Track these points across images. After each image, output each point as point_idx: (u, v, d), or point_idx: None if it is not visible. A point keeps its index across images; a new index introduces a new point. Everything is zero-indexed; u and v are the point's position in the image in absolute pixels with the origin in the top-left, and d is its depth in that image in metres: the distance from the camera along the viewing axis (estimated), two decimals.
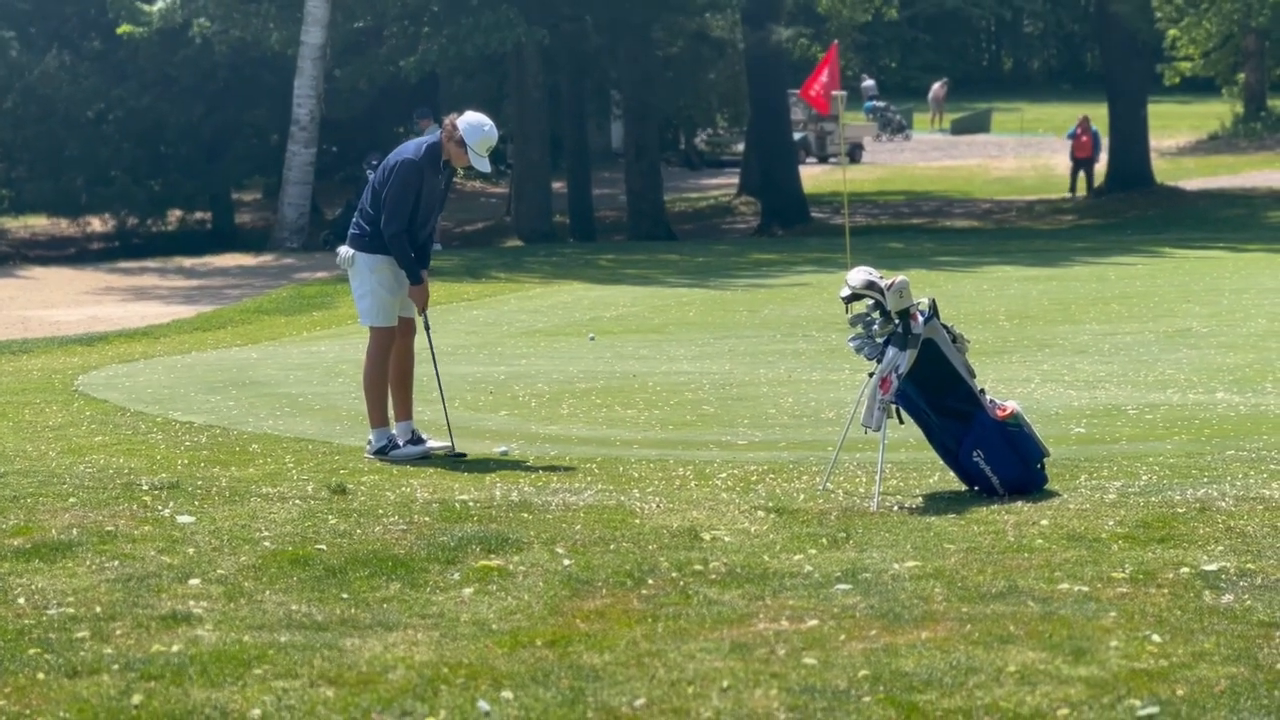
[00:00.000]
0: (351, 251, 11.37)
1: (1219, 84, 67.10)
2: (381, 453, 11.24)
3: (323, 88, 36.40)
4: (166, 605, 7.41)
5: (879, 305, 9.45)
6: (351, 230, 11.44)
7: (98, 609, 7.36)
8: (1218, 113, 63.69)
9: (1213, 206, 41.01)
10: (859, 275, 9.49)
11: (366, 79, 37.91)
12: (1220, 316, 18.85)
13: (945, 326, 9.58)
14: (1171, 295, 21.68)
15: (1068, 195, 46.93)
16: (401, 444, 11.33)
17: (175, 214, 45.62)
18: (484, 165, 11.34)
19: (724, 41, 42.41)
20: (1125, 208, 41.77)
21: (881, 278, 9.47)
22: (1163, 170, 47.57)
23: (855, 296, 9.52)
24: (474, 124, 11.19)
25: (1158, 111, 48.70)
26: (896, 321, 9.42)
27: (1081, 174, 47.17)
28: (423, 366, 11.89)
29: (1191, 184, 46.47)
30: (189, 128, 41.88)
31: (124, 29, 37.64)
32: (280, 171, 37.30)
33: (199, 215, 45.97)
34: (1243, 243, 31.42)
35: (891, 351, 9.41)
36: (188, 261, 33.14)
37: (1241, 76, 65.51)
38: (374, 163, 37.85)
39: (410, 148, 11.32)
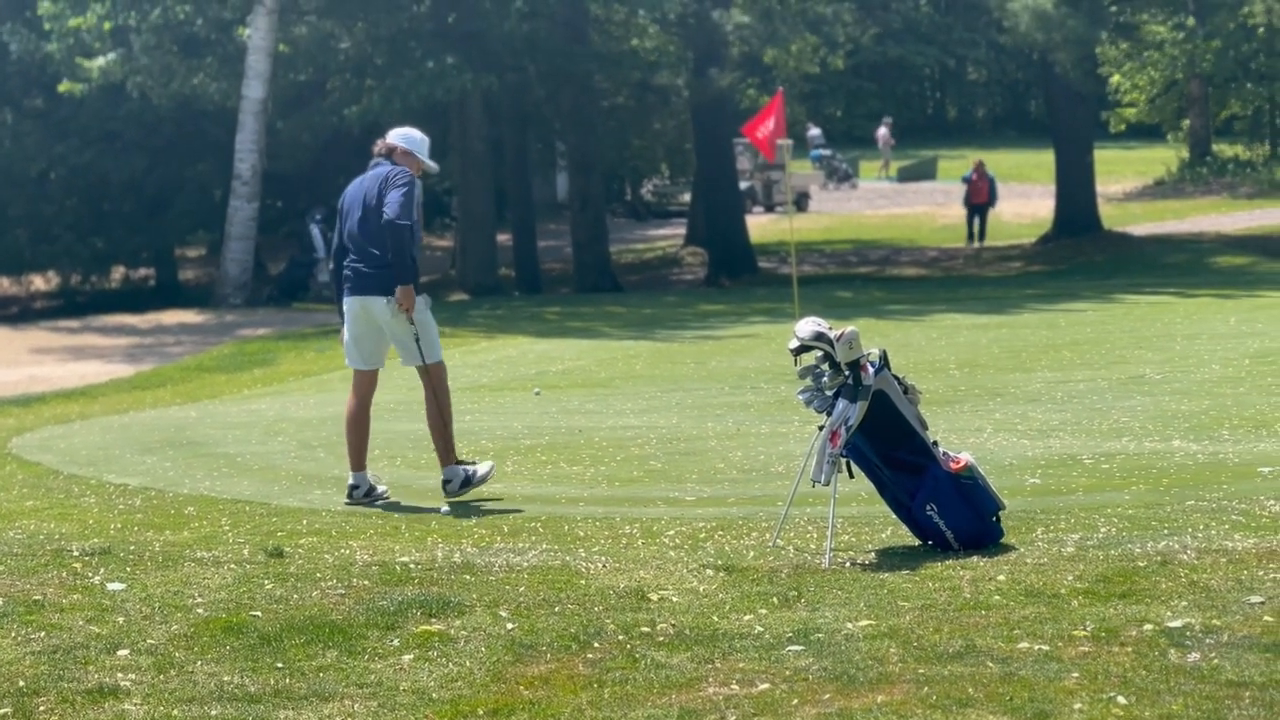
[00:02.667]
0: (388, 298, 11.43)
1: (1164, 130, 67.57)
2: (463, 486, 11.56)
3: (265, 142, 36.16)
4: (94, 678, 7.16)
5: (828, 357, 9.24)
6: (364, 279, 11.45)
7: (21, 683, 7.10)
8: (1163, 158, 63.99)
9: (1161, 252, 41.06)
10: (807, 326, 9.27)
11: (309, 132, 37.71)
12: (1173, 363, 18.71)
13: (896, 377, 9.38)
14: (1123, 341, 21.55)
15: (968, 245, 46.90)
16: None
17: (119, 271, 45.32)
18: (433, 165, 11.79)
19: (668, 90, 42.34)
20: (1073, 254, 41.79)
21: (830, 329, 9.26)
22: (1110, 216, 47.68)
23: (804, 348, 9.29)
24: (407, 135, 11.62)
25: (1103, 158, 48.88)
26: (846, 373, 9.20)
27: (977, 220, 47.26)
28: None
29: (1139, 229, 46.58)
30: (132, 184, 41.61)
31: (64, 86, 37.36)
32: (223, 227, 37.02)
33: (143, 272, 45.66)
34: (1192, 288, 31.42)
35: (841, 404, 9.18)
36: (130, 319, 32.83)
37: (1186, 122, 65.91)
38: (318, 217, 37.95)
39: (384, 167, 11.42)
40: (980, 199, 47.30)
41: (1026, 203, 56.44)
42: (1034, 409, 15.38)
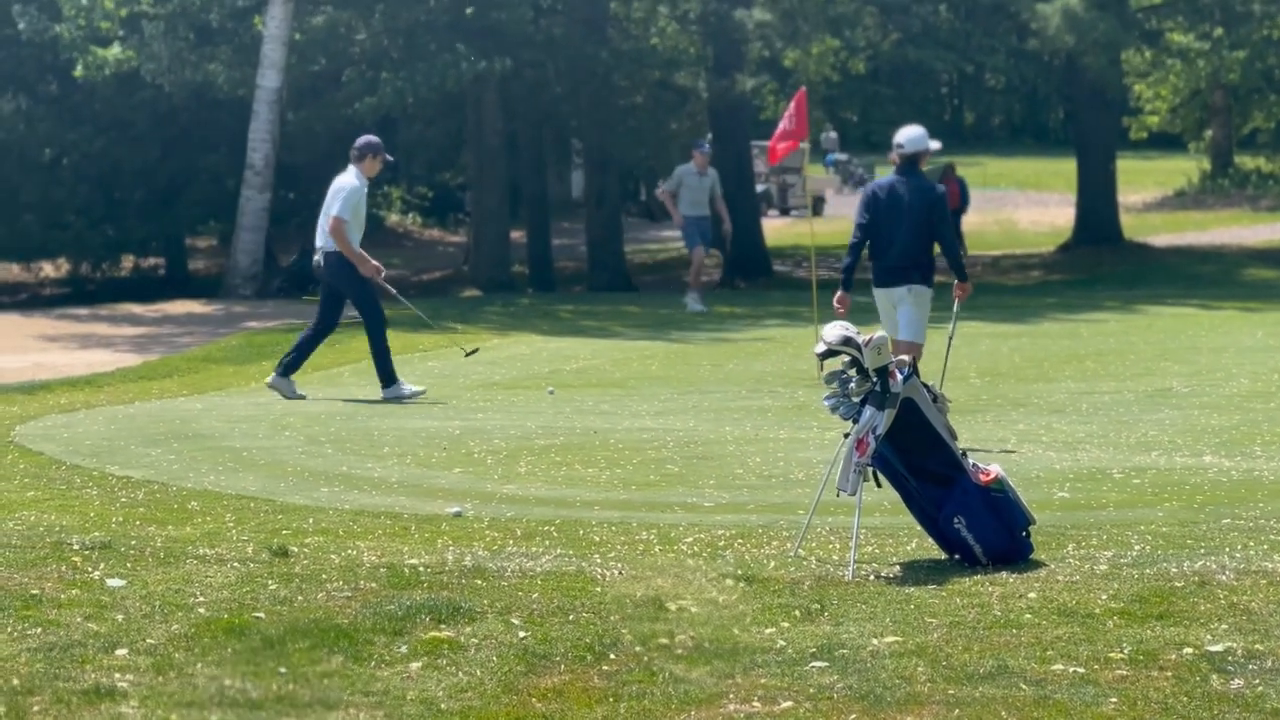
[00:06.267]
0: (908, 287, 14.36)
1: (1185, 140, 67.20)
2: None
3: (279, 133, 35.90)
4: (90, 678, 6.91)
5: (856, 362, 8.94)
6: (895, 274, 14.32)
7: (15, 681, 6.85)
8: (1184, 169, 63.64)
9: (1184, 263, 40.75)
10: (835, 331, 8.97)
11: (322, 123, 37.44)
12: (1200, 376, 18.42)
13: (925, 385, 9.09)
14: (1148, 353, 21.26)
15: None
16: None
17: (129, 260, 45.10)
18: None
19: (688, 90, 42.03)
20: (1094, 263, 41.44)
21: (859, 333, 8.97)
22: (1129, 226, 47.34)
23: (831, 353, 9.01)
24: (923, 138, 14.38)
25: (1123, 167, 48.51)
26: (874, 379, 8.90)
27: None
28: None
29: (1159, 240, 46.28)
30: (145, 172, 41.38)
31: (79, 73, 37.14)
32: (235, 217, 36.79)
33: (152, 261, 45.44)
34: (1216, 300, 31.08)
35: (869, 411, 8.89)
36: (139, 308, 32.59)
37: (1208, 133, 65.56)
38: None
39: (920, 179, 14.24)
40: (953, 204, 47.00)
41: (1044, 211, 56.16)
42: (1059, 420, 15.10)
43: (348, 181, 17.51)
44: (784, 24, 38.48)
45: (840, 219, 57.44)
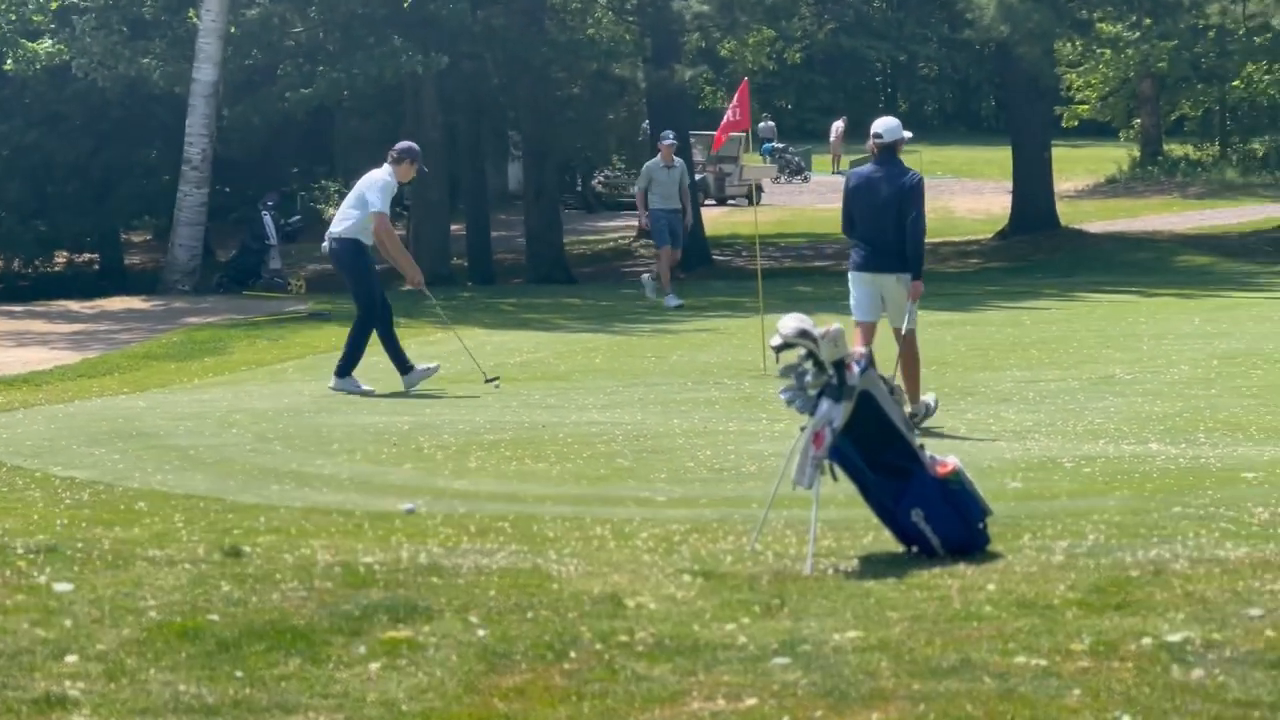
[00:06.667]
0: (897, 276, 14.16)
1: (1115, 128, 67.68)
2: (925, 415, 13.88)
3: (215, 126, 35.67)
4: (40, 686, 6.80)
5: (812, 355, 8.88)
6: (878, 259, 14.20)
7: None
8: (1114, 157, 64.02)
9: (1119, 250, 40.91)
10: (791, 323, 8.90)
11: (259, 116, 37.22)
12: (1142, 363, 18.47)
13: (881, 377, 9.06)
14: (1090, 341, 21.30)
15: None
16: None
17: (62, 255, 44.70)
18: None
19: (626, 81, 41.98)
20: (1031, 250, 41.60)
21: (815, 325, 8.90)
22: (1063, 213, 47.55)
23: (786, 345, 8.94)
24: (899, 128, 14.23)
25: (1055, 155, 48.75)
26: (831, 372, 8.85)
27: None
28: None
29: (1092, 227, 46.48)
30: (78, 166, 41.02)
31: (10, 66, 36.81)
32: (171, 212, 36.53)
33: (87, 256, 45.05)
34: (1153, 287, 31.20)
35: (825, 404, 8.82)
36: (75, 305, 32.27)
37: (1138, 121, 66.01)
38: (270, 204, 37.45)
39: (897, 168, 14.12)
40: None
41: (980, 198, 56.33)
42: (1007, 409, 15.10)
43: (381, 176, 17.22)
44: (721, 14, 38.51)
45: (778, 208, 57.53)
